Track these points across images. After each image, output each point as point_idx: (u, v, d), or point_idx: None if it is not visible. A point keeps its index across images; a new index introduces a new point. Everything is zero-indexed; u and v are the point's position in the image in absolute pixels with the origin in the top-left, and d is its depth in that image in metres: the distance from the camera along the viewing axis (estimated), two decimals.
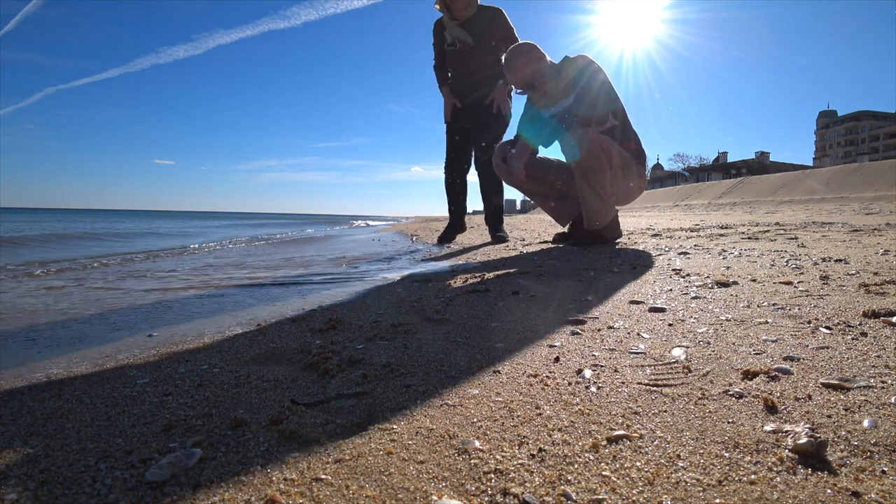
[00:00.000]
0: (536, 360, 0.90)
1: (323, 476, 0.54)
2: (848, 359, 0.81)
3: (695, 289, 1.43)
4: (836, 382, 0.71)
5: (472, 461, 0.56)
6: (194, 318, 1.46)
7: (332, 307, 1.51)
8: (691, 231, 3.60)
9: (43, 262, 3.42)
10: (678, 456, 0.55)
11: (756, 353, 0.87)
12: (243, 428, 0.66)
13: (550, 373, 0.83)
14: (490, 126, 3.57)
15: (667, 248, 2.44)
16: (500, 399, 0.73)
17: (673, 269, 1.78)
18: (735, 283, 1.48)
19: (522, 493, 0.50)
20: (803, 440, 0.55)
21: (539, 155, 3.01)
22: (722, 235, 3.08)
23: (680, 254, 2.22)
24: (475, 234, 4.37)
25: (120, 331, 1.32)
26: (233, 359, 0.99)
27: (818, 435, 0.57)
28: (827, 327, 0.98)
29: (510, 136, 3.08)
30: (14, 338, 1.26)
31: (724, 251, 2.22)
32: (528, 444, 0.60)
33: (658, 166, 60.46)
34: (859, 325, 0.99)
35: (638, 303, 1.30)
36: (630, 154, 2.67)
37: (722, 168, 44.43)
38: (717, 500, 0.47)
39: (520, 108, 2.96)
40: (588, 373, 0.82)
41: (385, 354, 0.97)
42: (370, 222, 20.61)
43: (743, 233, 3.18)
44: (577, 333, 1.05)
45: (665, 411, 0.67)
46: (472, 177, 3.89)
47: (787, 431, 0.59)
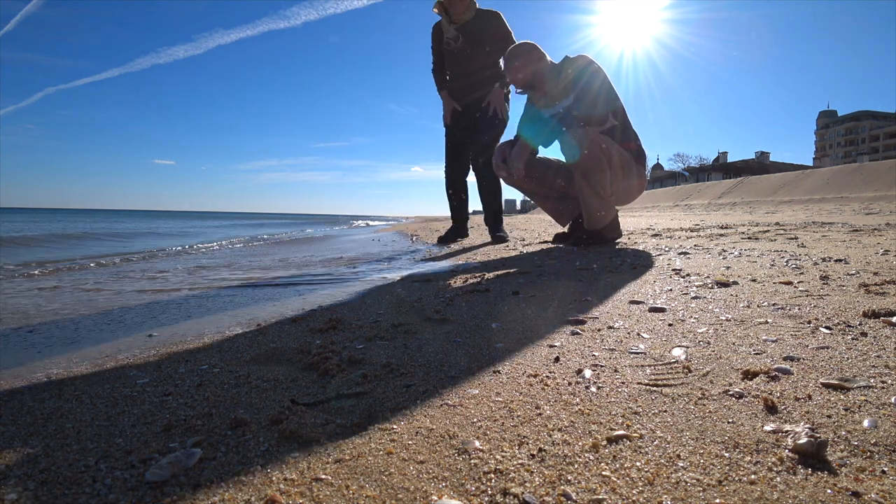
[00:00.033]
0: (536, 360, 0.90)
1: (323, 476, 0.54)
2: (848, 359, 0.81)
3: (695, 289, 1.43)
4: (836, 382, 0.71)
5: (472, 461, 0.56)
6: (193, 318, 1.46)
7: (332, 307, 1.51)
8: (691, 231, 3.60)
9: (40, 262, 3.42)
10: (678, 456, 0.55)
11: (756, 353, 0.87)
12: (243, 428, 0.66)
13: (550, 373, 0.83)
14: (487, 129, 3.60)
15: (667, 248, 2.44)
16: (500, 399, 0.73)
17: (673, 269, 1.78)
18: (735, 283, 1.48)
19: (522, 493, 0.50)
20: (803, 440, 0.55)
21: (539, 155, 3.01)
22: (722, 235, 3.08)
23: (680, 254, 2.22)
24: (475, 234, 4.37)
25: (119, 331, 1.32)
26: (233, 359, 0.99)
27: (818, 435, 0.57)
28: (827, 327, 0.99)
29: (509, 137, 3.08)
30: (11, 338, 1.26)
31: (724, 251, 2.22)
32: (528, 444, 0.60)
33: (658, 166, 60.46)
34: (859, 325, 0.99)
35: (638, 303, 1.30)
36: (630, 154, 2.67)
37: (722, 168, 44.42)
38: (717, 500, 0.47)
39: (520, 109, 2.97)
40: (588, 373, 0.82)
41: (385, 354, 0.97)
42: (370, 222, 20.66)
43: (743, 233, 3.18)
44: (577, 333, 1.05)
45: (665, 411, 0.67)
46: (472, 177, 3.92)
47: (787, 431, 0.59)
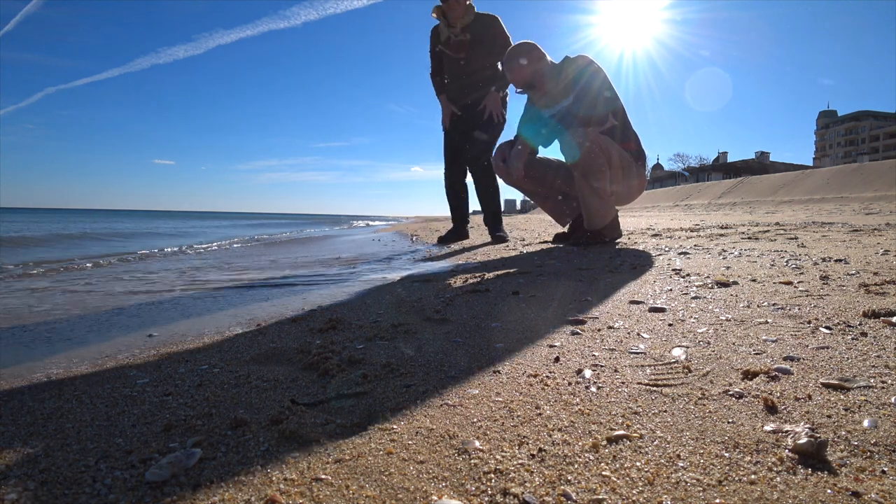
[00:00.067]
0: (536, 360, 0.90)
1: (323, 476, 0.54)
2: (848, 359, 0.81)
3: (695, 289, 1.43)
4: (836, 382, 0.71)
5: (472, 461, 0.56)
6: (193, 318, 1.46)
7: (332, 307, 1.51)
8: (691, 231, 3.60)
9: (38, 262, 3.42)
10: (678, 456, 0.55)
11: (756, 353, 0.87)
12: (243, 428, 0.66)
13: (550, 373, 0.83)
14: (484, 132, 3.65)
15: (667, 248, 2.44)
16: (500, 399, 0.73)
17: (673, 269, 1.78)
18: (735, 283, 1.48)
19: (522, 493, 0.50)
20: (803, 440, 0.55)
21: (539, 155, 3.01)
22: (722, 235, 3.08)
23: (680, 254, 2.22)
24: (475, 234, 4.37)
25: (119, 331, 1.32)
26: (233, 359, 0.99)
27: (818, 435, 0.56)
28: (827, 327, 0.98)
29: (508, 138, 3.09)
30: (7, 338, 1.26)
31: (724, 251, 2.22)
32: (528, 444, 0.60)
33: (658, 166, 60.46)
34: (859, 325, 0.99)
35: (638, 303, 1.30)
36: (630, 154, 2.67)
37: (722, 168, 44.41)
38: (717, 500, 0.47)
39: (520, 109, 2.97)
40: (588, 373, 0.82)
41: (385, 354, 0.97)
42: (370, 222, 20.74)
43: (743, 233, 3.18)
44: (577, 333, 1.05)
45: (665, 411, 0.67)
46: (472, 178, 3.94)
47: (787, 431, 0.59)
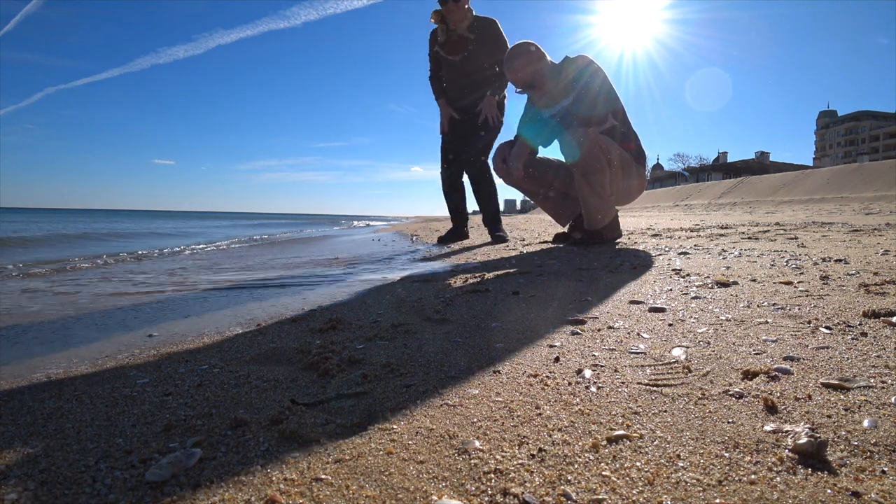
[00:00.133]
0: (536, 360, 0.90)
1: (323, 476, 0.54)
2: (848, 359, 0.81)
3: (695, 289, 1.43)
4: (836, 382, 0.71)
5: (472, 461, 0.56)
6: (193, 317, 1.46)
7: (332, 307, 1.51)
8: (691, 231, 3.60)
9: (39, 262, 3.42)
10: (678, 456, 0.55)
11: (756, 353, 0.87)
12: (243, 428, 0.66)
13: (550, 373, 0.83)
14: (480, 135, 3.67)
15: (667, 248, 2.44)
16: (500, 399, 0.73)
17: (673, 269, 1.78)
18: (735, 283, 1.48)
19: (522, 493, 0.50)
20: (803, 440, 0.55)
21: (539, 155, 3.01)
22: (722, 235, 3.08)
23: (680, 254, 2.22)
24: (475, 234, 4.37)
25: (118, 331, 1.32)
26: (233, 359, 0.99)
27: (818, 435, 0.56)
28: (827, 327, 0.98)
29: (506, 139, 3.09)
30: (9, 337, 1.26)
31: (724, 251, 2.22)
32: (528, 444, 0.60)
33: (658, 166, 60.46)
34: (859, 325, 0.99)
35: (638, 303, 1.30)
36: (630, 154, 2.67)
37: (722, 168, 44.41)
38: (717, 500, 0.47)
39: (520, 109, 2.97)
40: (588, 373, 0.82)
41: (385, 354, 0.97)
42: (370, 222, 20.83)
43: (743, 233, 3.19)
44: (577, 333, 1.05)
45: (665, 411, 0.67)
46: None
47: (787, 431, 0.59)
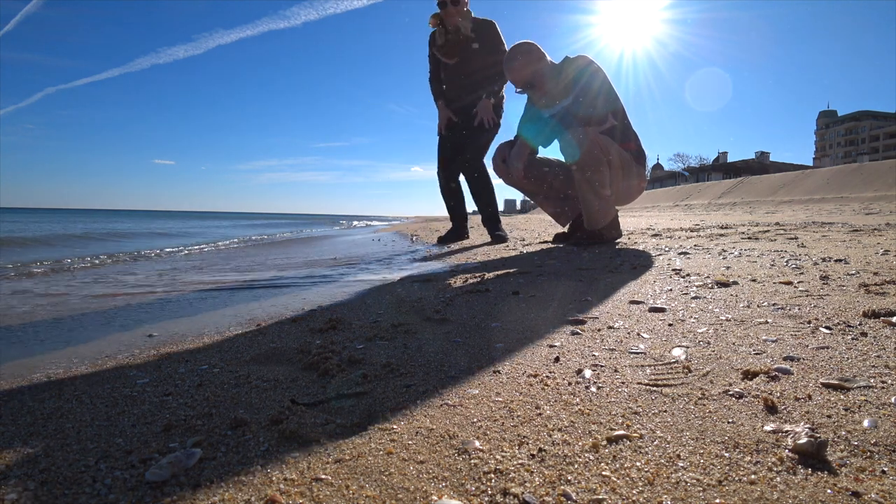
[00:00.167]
0: (536, 360, 0.90)
1: (323, 476, 0.54)
2: (848, 359, 0.81)
3: (695, 289, 1.43)
4: (836, 382, 0.71)
5: (472, 461, 0.56)
6: (193, 317, 1.46)
7: (332, 307, 1.51)
8: (691, 231, 3.60)
9: (32, 262, 3.42)
10: (678, 456, 0.55)
11: (756, 353, 0.87)
12: (243, 428, 0.66)
13: (550, 373, 0.83)
14: (477, 137, 3.70)
15: (667, 248, 2.44)
16: (500, 399, 0.73)
17: (673, 269, 1.78)
18: (735, 283, 1.48)
19: (522, 493, 0.50)
20: (803, 440, 0.55)
21: (539, 155, 3.01)
22: (722, 235, 3.08)
23: (680, 254, 2.22)
24: (475, 234, 4.37)
25: (118, 331, 1.32)
26: (233, 359, 0.99)
27: (818, 435, 0.56)
28: (827, 327, 0.98)
29: (506, 139, 3.09)
30: (13, 336, 1.26)
31: (724, 251, 2.22)
32: (528, 444, 0.60)
33: (658, 166, 60.45)
34: (859, 325, 0.99)
35: (638, 303, 1.30)
36: (630, 154, 2.67)
37: (722, 168, 44.42)
38: (717, 500, 0.47)
39: (520, 109, 2.97)
40: (588, 373, 0.82)
41: (385, 354, 0.97)
42: (370, 222, 20.89)
43: (743, 233, 3.19)
44: (577, 333, 1.05)
45: (665, 411, 0.67)
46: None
47: (787, 431, 0.59)
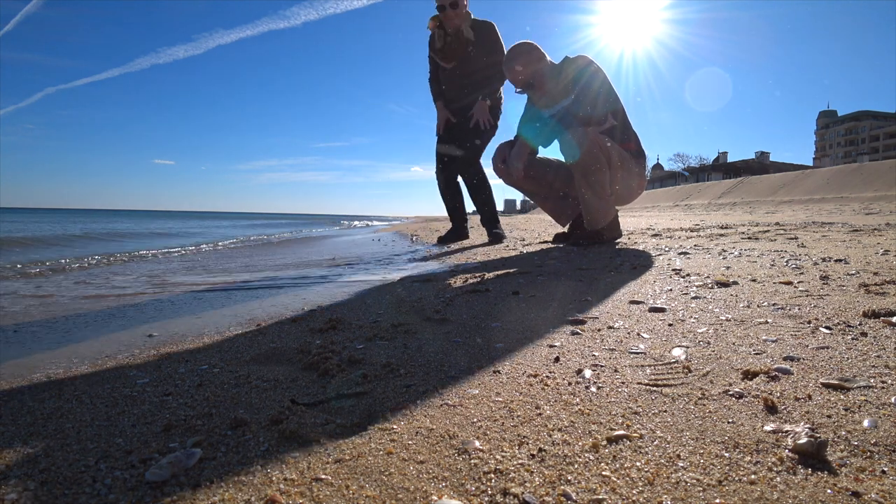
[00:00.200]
0: (536, 360, 0.90)
1: (323, 476, 0.54)
2: (848, 359, 0.81)
3: (695, 289, 1.43)
4: (836, 382, 0.71)
5: (472, 461, 0.56)
6: (193, 317, 1.46)
7: (332, 307, 1.51)
8: (691, 231, 3.60)
9: (30, 263, 3.42)
10: (678, 456, 0.55)
11: (756, 353, 0.87)
12: (243, 428, 0.66)
13: (550, 373, 0.83)
14: (475, 138, 3.71)
15: (667, 248, 2.44)
16: (500, 399, 0.73)
17: (673, 269, 1.78)
18: (735, 283, 1.48)
19: (522, 493, 0.50)
20: (803, 440, 0.55)
21: (539, 155, 3.01)
22: (722, 235, 3.08)
23: (680, 254, 2.22)
24: (475, 234, 4.37)
25: (118, 331, 1.32)
26: (233, 359, 0.99)
27: (818, 435, 0.57)
28: (827, 327, 0.98)
29: (501, 142, 3.09)
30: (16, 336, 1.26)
31: (724, 251, 2.22)
32: (528, 444, 0.60)
33: (658, 166, 60.44)
34: (859, 325, 0.99)
35: (638, 303, 1.30)
36: (630, 154, 2.67)
37: (722, 168, 44.43)
38: (717, 500, 0.47)
39: (519, 109, 2.97)
40: (588, 373, 0.82)
41: (385, 354, 0.97)
42: (370, 222, 20.95)
43: (743, 233, 3.19)
44: (577, 333, 1.05)
45: (665, 411, 0.67)
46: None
47: (787, 431, 0.59)
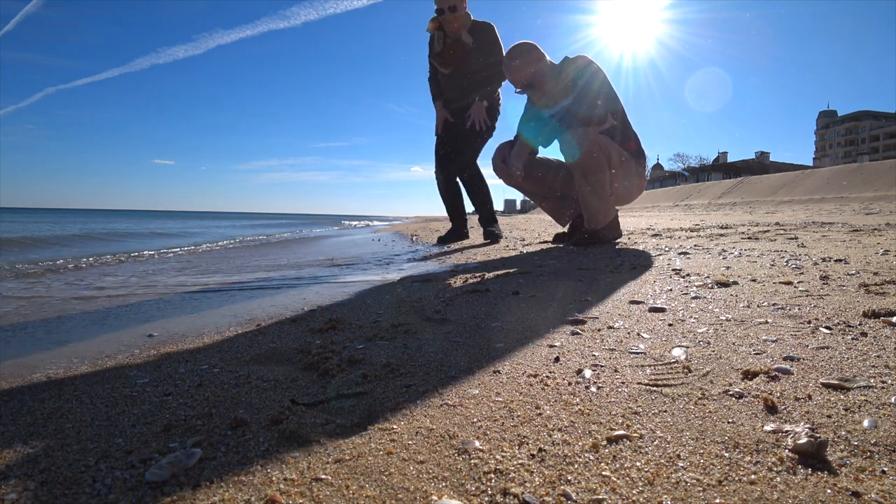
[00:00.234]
0: (536, 360, 0.90)
1: (323, 476, 0.54)
2: (848, 359, 0.81)
3: (695, 289, 1.43)
4: (836, 382, 0.71)
5: (472, 461, 0.56)
6: (193, 317, 1.46)
7: (332, 307, 1.51)
8: (691, 231, 3.60)
9: (29, 263, 3.42)
10: (678, 456, 0.55)
11: (756, 353, 0.87)
12: (243, 428, 0.66)
13: (550, 373, 0.83)
14: (473, 139, 3.72)
15: (667, 248, 2.44)
16: (500, 399, 0.73)
17: (673, 269, 1.78)
18: (735, 283, 1.48)
19: (522, 493, 0.50)
20: (803, 440, 0.55)
21: (539, 155, 3.01)
22: (722, 235, 3.08)
23: (680, 254, 2.22)
24: (475, 234, 4.37)
25: (118, 331, 1.32)
26: (233, 359, 0.99)
27: (818, 435, 0.56)
28: (827, 327, 0.98)
29: (501, 142, 3.09)
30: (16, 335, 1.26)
31: (724, 251, 2.22)
32: (528, 444, 0.60)
33: (658, 166, 60.43)
34: (859, 325, 0.99)
35: (638, 303, 1.30)
36: (630, 154, 2.67)
37: (722, 168, 44.44)
38: (717, 500, 0.47)
39: (519, 109, 2.97)
40: (588, 373, 0.82)
41: (385, 354, 0.97)
42: (370, 222, 21.00)
43: (743, 233, 3.19)
44: (577, 333, 1.05)
45: (665, 411, 0.67)
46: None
47: (787, 431, 0.59)
